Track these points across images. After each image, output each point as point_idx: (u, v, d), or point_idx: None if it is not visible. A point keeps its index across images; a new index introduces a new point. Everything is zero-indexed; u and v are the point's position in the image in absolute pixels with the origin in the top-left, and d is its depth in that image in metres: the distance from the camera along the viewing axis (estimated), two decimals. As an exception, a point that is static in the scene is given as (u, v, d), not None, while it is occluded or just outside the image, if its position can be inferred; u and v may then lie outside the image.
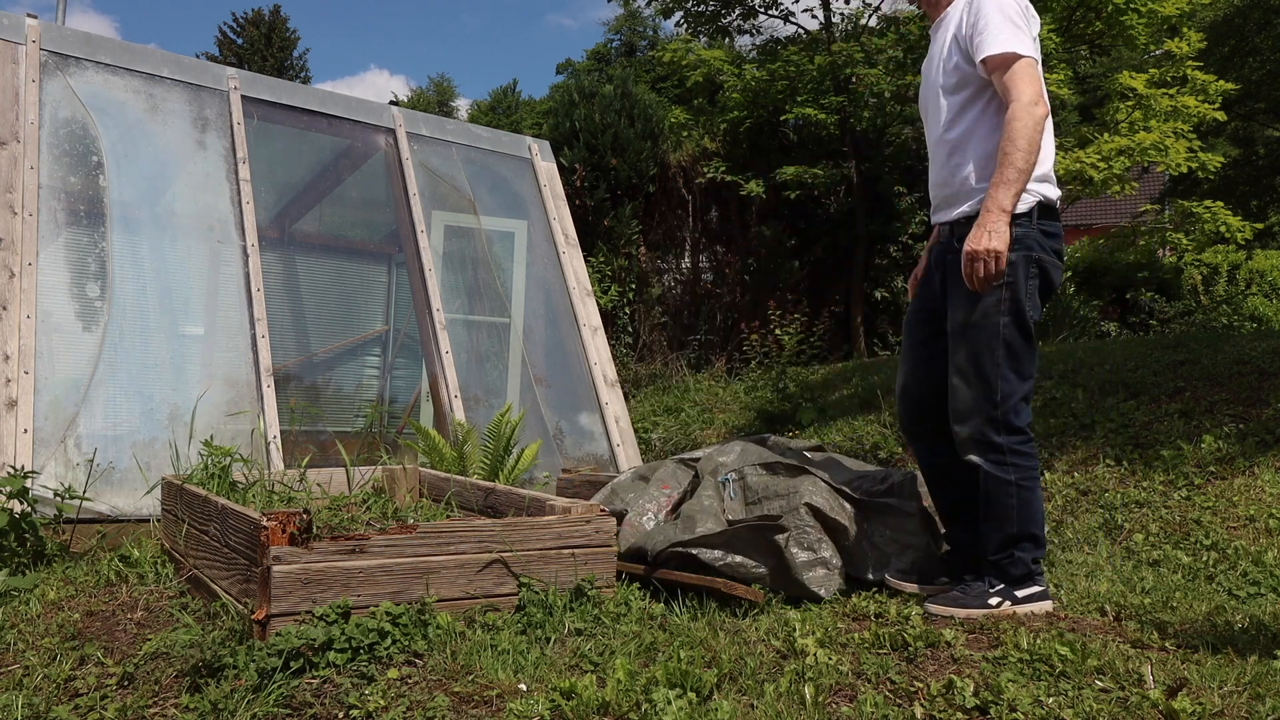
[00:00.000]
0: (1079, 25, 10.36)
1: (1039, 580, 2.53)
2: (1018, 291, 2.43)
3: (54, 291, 3.85)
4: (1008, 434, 2.45)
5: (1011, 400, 2.44)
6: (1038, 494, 2.50)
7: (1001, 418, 2.44)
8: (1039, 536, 2.52)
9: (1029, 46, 2.44)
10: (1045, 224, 2.49)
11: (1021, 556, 2.49)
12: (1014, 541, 2.49)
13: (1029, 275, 2.45)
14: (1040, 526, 2.52)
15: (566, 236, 5.52)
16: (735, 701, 1.83)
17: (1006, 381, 2.44)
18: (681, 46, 12.01)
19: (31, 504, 3.07)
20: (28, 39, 4.09)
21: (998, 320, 2.43)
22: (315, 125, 4.98)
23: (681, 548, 2.72)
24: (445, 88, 47.31)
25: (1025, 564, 2.49)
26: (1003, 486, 2.46)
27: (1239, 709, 1.80)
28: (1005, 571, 2.50)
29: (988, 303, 2.45)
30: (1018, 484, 2.46)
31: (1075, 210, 15.84)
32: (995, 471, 2.46)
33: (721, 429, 7.29)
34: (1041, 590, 2.51)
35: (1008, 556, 2.49)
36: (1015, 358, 2.44)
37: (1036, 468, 2.50)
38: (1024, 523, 2.47)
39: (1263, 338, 6.37)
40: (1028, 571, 2.50)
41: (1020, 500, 2.46)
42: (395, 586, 2.26)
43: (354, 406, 5.43)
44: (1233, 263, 15.22)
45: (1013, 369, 2.44)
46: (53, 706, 1.90)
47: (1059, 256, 2.53)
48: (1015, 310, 2.43)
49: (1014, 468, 2.46)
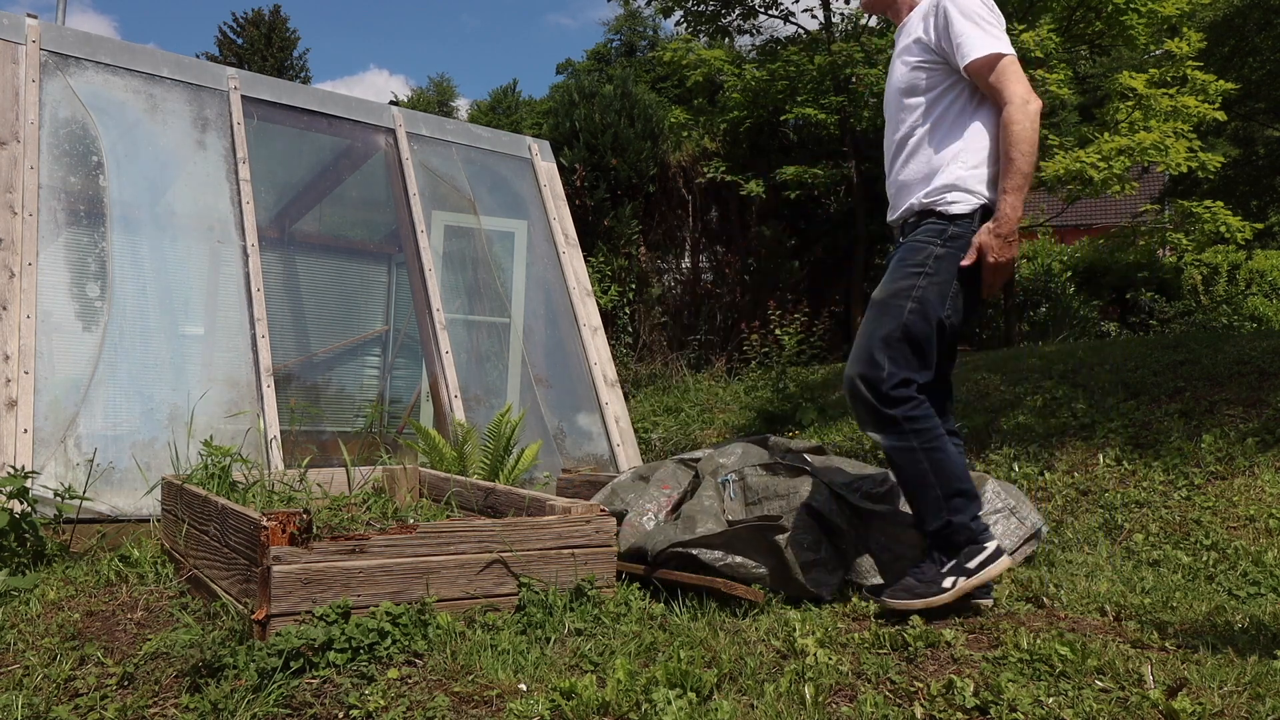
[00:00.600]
0: (1079, 25, 10.36)
1: (986, 538, 2.44)
2: (932, 285, 2.43)
3: (54, 291, 3.85)
4: (895, 405, 2.42)
5: (895, 378, 2.42)
6: (949, 453, 2.44)
7: (886, 393, 2.42)
8: (968, 491, 2.44)
9: (1008, 44, 2.45)
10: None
11: (958, 520, 2.41)
12: (944, 504, 2.42)
13: (954, 276, 2.44)
14: (966, 481, 2.45)
15: (566, 236, 5.52)
16: (735, 701, 1.83)
17: (894, 363, 2.42)
18: (681, 46, 12.01)
19: (31, 504, 3.07)
20: (28, 39, 4.09)
21: (904, 304, 2.44)
22: (315, 125, 4.98)
23: (682, 548, 2.72)
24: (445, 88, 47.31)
25: (964, 525, 2.42)
26: (909, 454, 2.42)
27: (1239, 709, 1.80)
28: (949, 541, 2.43)
29: (901, 285, 2.46)
30: (923, 448, 2.41)
31: (1075, 210, 15.83)
32: (898, 443, 2.43)
33: (721, 429, 7.29)
34: (993, 549, 2.42)
35: (944, 524, 2.42)
36: (909, 345, 2.43)
37: (937, 427, 2.45)
38: (945, 481, 2.42)
39: (1263, 338, 6.37)
40: (970, 534, 2.42)
41: (932, 462, 2.41)
42: (395, 586, 2.26)
43: (354, 406, 5.44)
44: (1233, 263, 15.23)
45: (903, 355, 2.43)
46: (53, 706, 1.90)
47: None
48: (923, 301, 2.43)
49: (914, 434, 2.42)
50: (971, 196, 2.46)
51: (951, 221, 2.46)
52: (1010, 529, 3.04)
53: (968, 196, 2.47)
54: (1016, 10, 10.14)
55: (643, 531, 2.92)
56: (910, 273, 2.47)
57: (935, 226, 2.49)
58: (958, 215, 2.46)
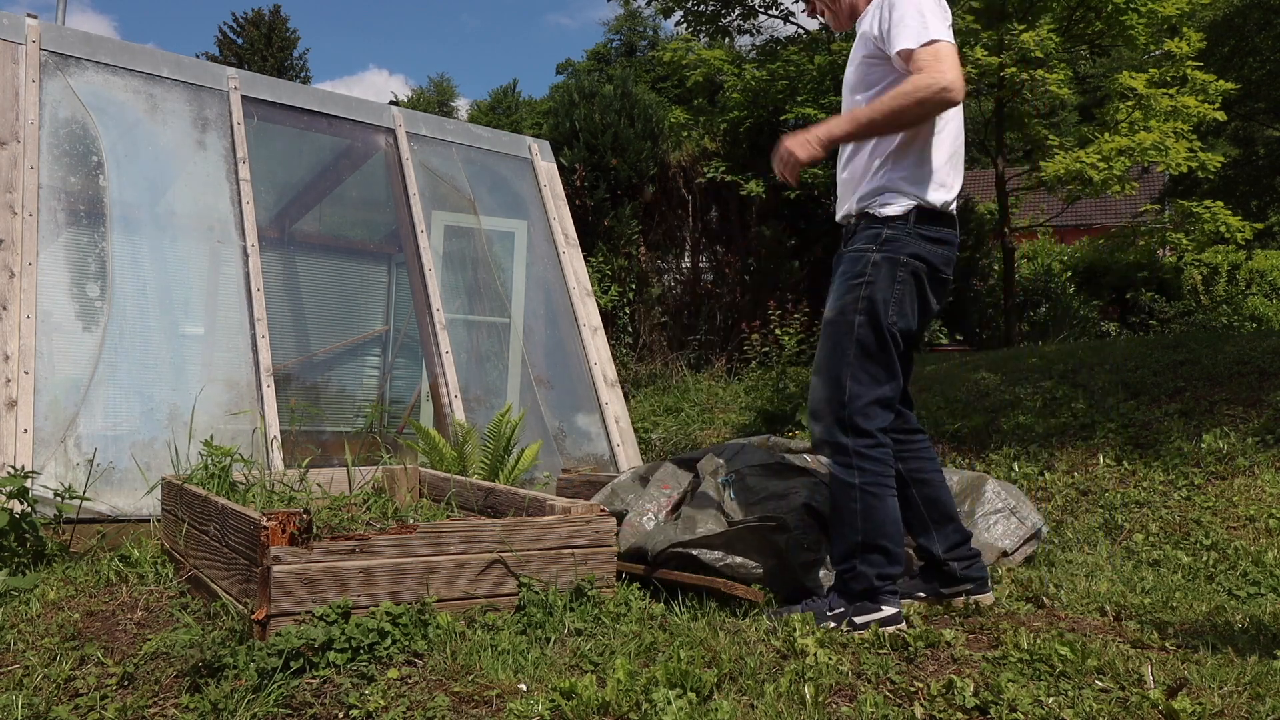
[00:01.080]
0: (1079, 25, 10.36)
1: (887, 601, 2.35)
2: (875, 292, 2.38)
3: (54, 291, 3.85)
4: (855, 436, 2.37)
5: (860, 402, 2.37)
6: (888, 504, 2.37)
7: (849, 419, 2.37)
8: (890, 550, 2.36)
9: (942, 32, 2.34)
10: (929, 229, 2.42)
11: (863, 570, 2.35)
12: (857, 551, 2.36)
13: (895, 279, 2.39)
14: (893, 540, 2.37)
15: (566, 236, 5.52)
16: (735, 701, 1.83)
17: (857, 382, 2.38)
18: (681, 46, 12.01)
19: (31, 504, 3.07)
20: (28, 39, 4.09)
21: (853, 319, 2.39)
22: (315, 125, 4.98)
23: (682, 548, 2.72)
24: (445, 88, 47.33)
25: (868, 579, 2.34)
26: (846, 489, 2.38)
27: (1239, 709, 1.80)
28: (846, 586, 2.38)
29: (846, 300, 2.42)
30: (862, 488, 2.36)
31: (1075, 210, 15.84)
32: (841, 474, 2.39)
33: (721, 429, 7.29)
34: (889, 614, 2.34)
35: (849, 568, 2.37)
36: (868, 358, 2.38)
37: (887, 475, 2.39)
38: (870, 532, 2.35)
39: (1263, 338, 6.37)
40: (870, 588, 2.34)
41: (865, 506, 2.35)
42: (395, 586, 2.26)
43: (354, 406, 5.44)
44: (1233, 263, 15.23)
45: (865, 370, 2.38)
46: (53, 706, 1.90)
47: (945, 264, 2.46)
48: (870, 311, 2.38)
49: (859, 471, 2.36)
50: (904, 197, 2.41)
51: (885, 224, 2.42)
52: (1010, 529, 3.04)
53: (900, 198, 2.42)
54: (1017, 10, 10.14)
55: (643, 531, 2.92)
56: (852, 285, 2.42)
57: (870, 231, 2.45)
58: (891, 217, 2.41)
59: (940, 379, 6.79)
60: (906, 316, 2.41)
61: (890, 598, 2.36)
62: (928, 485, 2.57)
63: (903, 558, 2.41)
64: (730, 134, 11.91)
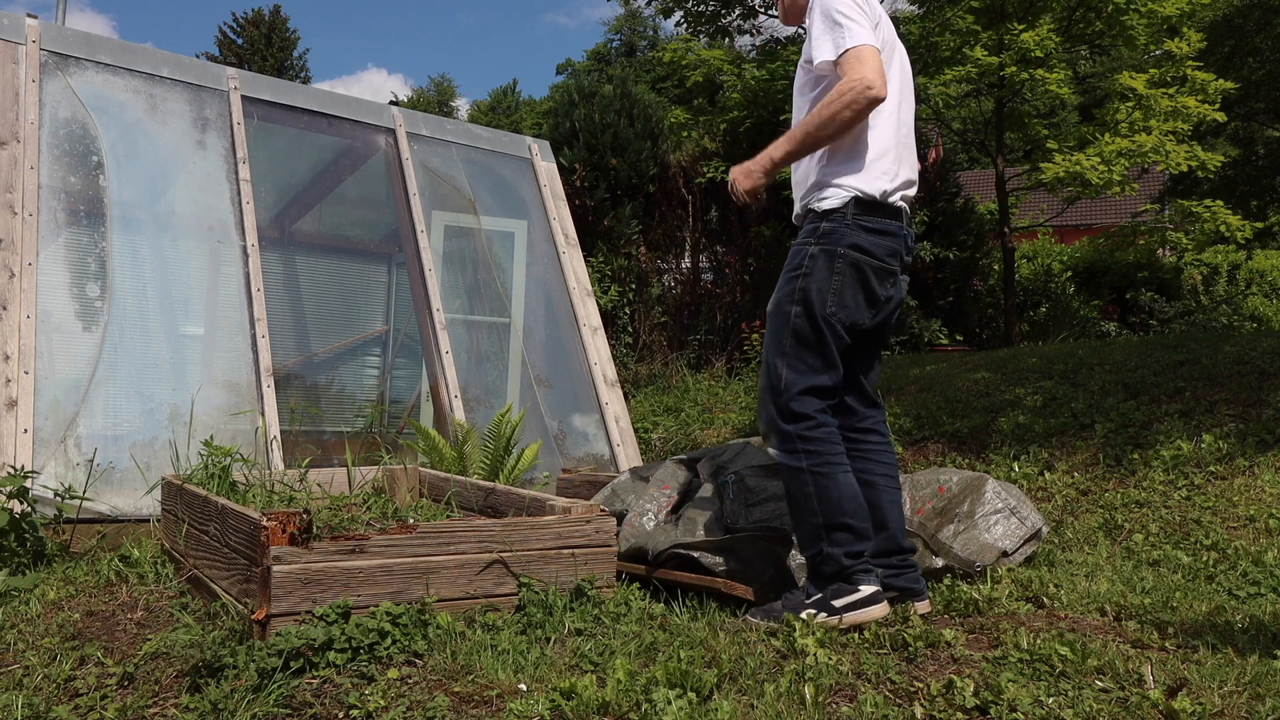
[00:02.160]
0: (1079, 25, 10.36)
1: (862, 580, 2.34)
2: (810, 284, 2.41)
3: (54, 291, 3.85)
4: (792, 421, 2.39)
5: (795, 389, 2.40)
6: (841, 480, 2.37)
7: (785, 405, 2.40)
8: (854, 526, 2.36)
9: (861, 35, 2.36)
10: (868, 220, 2.44)
11: (832, 552, 2.34)
12: (822, 533, 2.36)
13: (833, 271, 2.41)
14: (855, 516, 2.37)
15: (566, 236, 5.52)
16: (735, 701, 1.83)
17: (792, 370, 2.41)
18: (681, 46, 12.00)
19: (31, 504, 3.07)
20: (28, 39, 4.09)
21: (789, 309, 2.43)
22: (315, 125, 4.98)
23: (683, 549, 2.72)
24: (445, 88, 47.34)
25: (837, 560, 2.34)
26: (796, 475, 2.39)
27: (1239, 709, 1.80)
28: (818, 571, 2.37)
29: (784, 291, 2.47)
30: (810, 470, 2.36)
31: (1075, 210, 15.84)
32: (787, 460, 2.41)
33: (721, 429, 7.29)
34: (868, 594, 2.32)
35: (817, 552, 2.37)
36: (804, 348, 2.41)
37: (834, 453, 2.39)
38: (829, 511, 2.35)
39: (1263, 338, 6.37)
40: (840, 569, 2.34)
41: (817, 487, 2.36)
42: (395, 586, 2.26)
43: (354, 406, 5.43)
44: (1233, 263, 15.23)
45: (801, 359, 2.41)
46: (53, 706, 1.90)
47: (889, 255, 2.47)
48: (805, 302, 2.41)
49: (804, 454, 2.38)
50: (841, 190, 2.45)
51: (824, 218, 2.45)
52: (1010, 529, 3.04)
53: (838, 190, 2.45)
54: (1017, 10, 10.14)
55: (643, 531, 2.92)
56: (790, 277, 2.47)
57: (810, 225, 2.49)
58: (828, 210, 2.45)
59: (940, 379, 6.80)
60: (848, 308, 2.43)
61: (864, 575, 2.35)
62: (870, 488, 2.55)
63: (869, 532, 2.40)
64: (730, 134, 11.90)
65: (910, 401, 6.36)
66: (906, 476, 3.32)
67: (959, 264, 11.58)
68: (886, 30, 2.53)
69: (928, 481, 3.24)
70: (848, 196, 2.44)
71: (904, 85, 2.60)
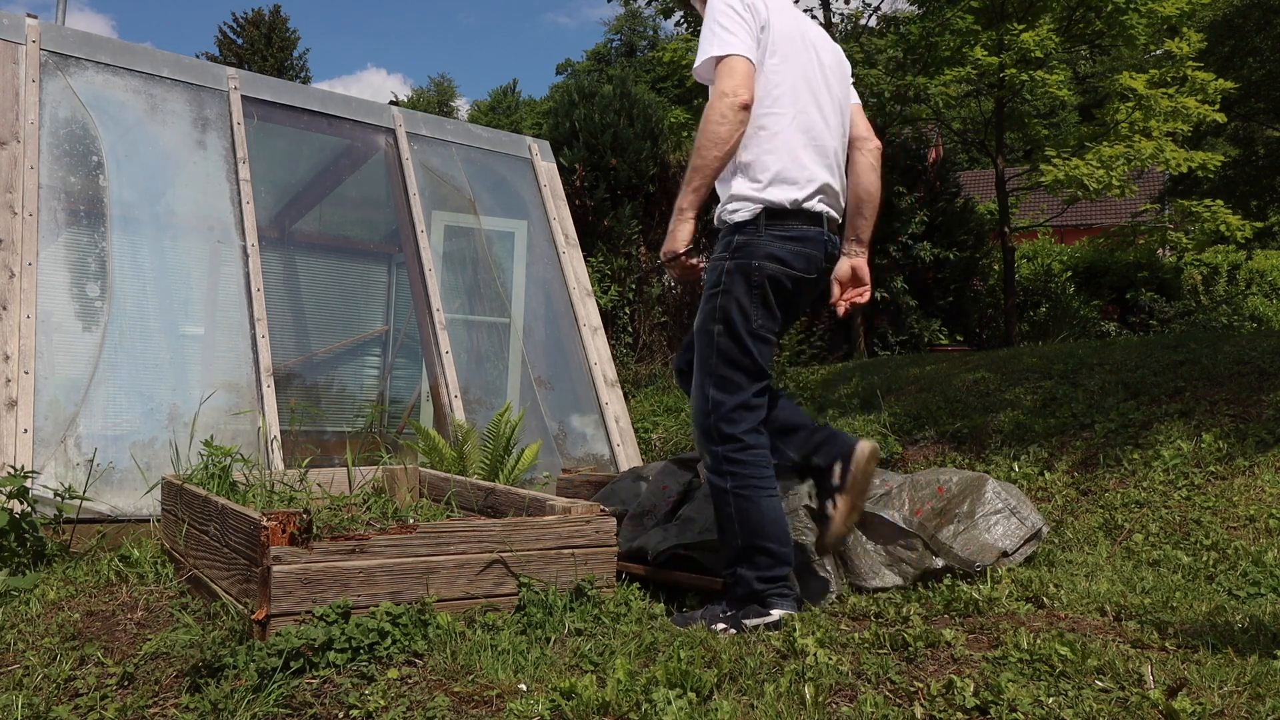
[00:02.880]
0: (1079, 25, 10.37)
1: (776, 604, 2.33)
2: (730, 302, 2.40)
3: (54, 291, 3.85)
4: (721, 442, 2.39)
5: (724, 409, 2.40)
6: (763, 504, 2.36)
7: (714, 426, 2.40)
8: (774, 551, 2.35)
9: (731, 44, 2.35)
10: (782, 229, 2.42)
11: (745, 574, 2.35)
12: (741, 556, 2.37)
13: (751, 285, 2.40)
14: (776, 540, 2.35)
15: (566, 236, 5.52)
16: (735, 701, 1.83)
17: (720, 390, 2.41)
18: (681, 46, 12.01)
19: (31, 504, 3.07)
20: (28, 39, 4.09)
21: (711, 329, 2.43)
22: (315, 125, 4.98)
23: (684, 550, 2.72)
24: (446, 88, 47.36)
25: (749, 583, 2.34)
26: (720, 495, 2.40)
27: (1239, 709, 1.80)
28: (732, 591, 2.38)
29: (705, 310, 2.46)
30: (733, 492, 2.36)
31: (1075, 210, 15.85)
32: (714, 480, 2.41)
33: (721, 429, 7.28)
34: (777, 618, 2.31)
35: (732, 574, 2.39)
36: (730, 366, 2.41)
37: (759, 476, 2.38)
38: (748, 534, 2.35)
39: (1263, 338, 6.37)
40: (752, 592, 2.33)
41: (739, 509, 2.36)
42: (395, 586, 2.26)
43: (354, 406, 5.44)
44: (1233, 263, 15.24)
45: (727, 378, 2.41)
46: (53, 706, 1.90)
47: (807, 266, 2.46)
48: (726, 319, 2.40)
49: (730, 475, 2.38)
50: (750, 203, 2.43)
51: (736, 231, 2.44)
52: (1010, 529, 3.04)
53: (747, 203, 2.43)
54: (1016, 10, 10.14)
55: (643, 531, 2.92)
56: (710, 295, 2.46)
57: (724, 239, 2.48)
58: (740, 224, 2.44)
59: (940, 379, 6.80)
60: (765, 317, 2.43)
61: (779, 600, 2.34)
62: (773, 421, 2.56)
63: (789, 557, 2.38)
64: (730, 134, 11.85)
65: (910, 401, 6.36)
66: (906, 476, 3.32)
67: (959, 264, 11.58)
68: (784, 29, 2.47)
69: (927, 482, 3.24)
70: (758, 209, 2.42)
71: (814, 85, 2.53)
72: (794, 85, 2.47)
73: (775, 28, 2.46)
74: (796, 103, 2.47)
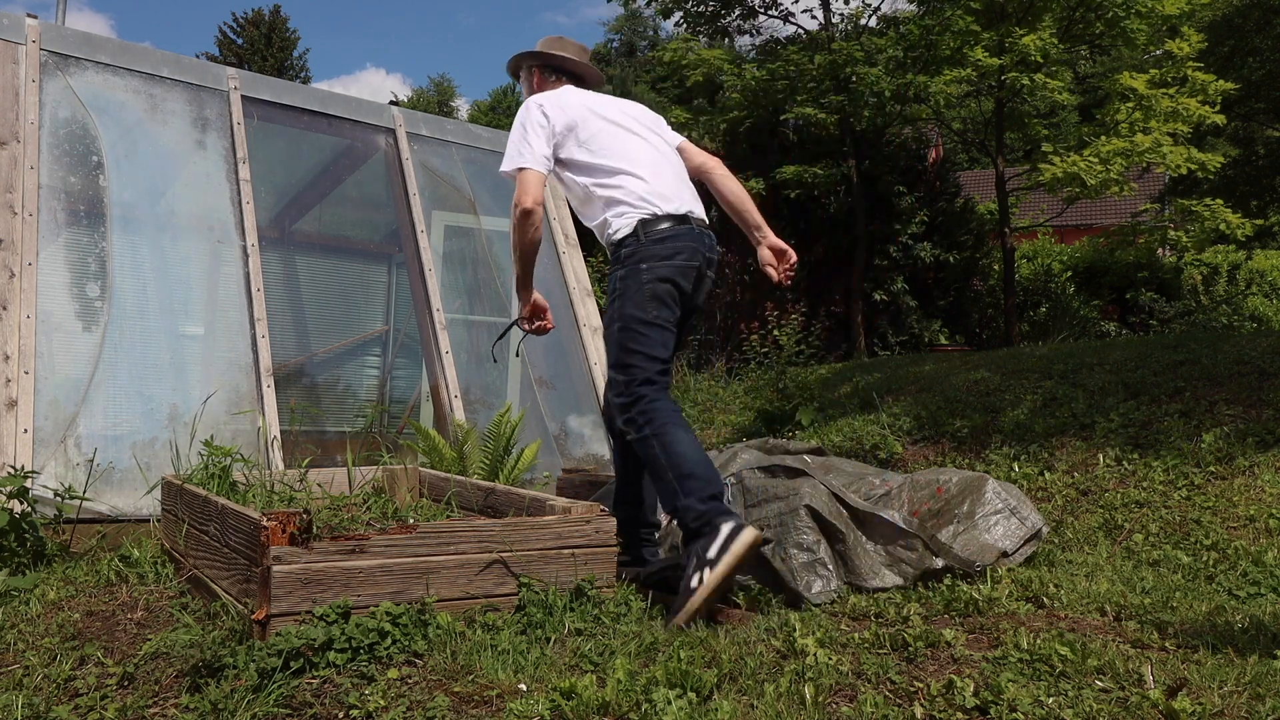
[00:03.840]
0: (1079, 26, 10.36)
1: (721, 520, 2.45)
2: (627, 302, 2.74)
3: (54, 291, 3.85)
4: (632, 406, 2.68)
5: (633, 384, 2.70)
6: (680, 435, 2.59)
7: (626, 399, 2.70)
8: (701, 474, 2.53)
9: (530, 158, 2.78)
10: (659, 231, 2.76)
11: (686, 503, 2.50)
12: (677, 490, 2.54)
13: (642, 283, 2.73)
14: (698, 465, 2.55)
15: (566, 236, 5.52)
16: (735, 701, 1.83)
17: (626, 374, 2.71)
18: (681, 46, 12.00)
19: (31, 504, 3.07)
20: (28, 39, 4.09)
21: (614, 328, 2.77)
22: (315, 125, 4.98)
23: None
24: (445, 88, 47.37)
25: (695, 508, 2.49)
26: (644, 444, 2.63)
27: (1239, 709, 1.80)
28: (686, 527, 2.52)
29: (608, 317, 2.82)
30: (654, 433, 2.61)
31: (1075, 210, 15.84)
32: (635, 435, 2.66)
33: (721, 429, 7.29)
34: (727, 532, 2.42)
35: (674, 507, 2.55)
36: (634, 354, 2.72)
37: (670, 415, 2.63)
38: (675, 466, 2.55)
39: (1263, 337, 6.37)
40: (699, 513, 2.48)
41: (661, 446, 2.58)
42: (395, 586, 2.26)
43: (354, 406, 5.43)
44: (1233, 263, 15.24)
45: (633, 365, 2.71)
46: (53, 706, 1.90)
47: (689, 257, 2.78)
48: (624, 318, 2.74)
49: (646, 424, 2.63)
50: (623, 220, 2.78)
51: (620, 245, 2.80)
52: (1010, 529, 3.04)
53: (621, 221, 2.79)
54: (1016, 11, 10.14)
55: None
56: (611, 303, 2.81)
57: (613, 254, 2.84)
58: (623, 239, 2.79)
59: (940, 379, 6.80)
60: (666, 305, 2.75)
61: (722, 516, 2.48)
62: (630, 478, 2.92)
63: (718, 480, 2.57)
64: (730, 134, 11.91)
65: (910, 401, 6.36)
66: (906, 477, 3.32)
67: (959, 264, 11.58)
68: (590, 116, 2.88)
69: (927, 482, 3.24)
70: (634, 222, 2.77)
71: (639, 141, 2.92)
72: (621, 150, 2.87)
73: (581, 121, 2.87)
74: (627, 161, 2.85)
